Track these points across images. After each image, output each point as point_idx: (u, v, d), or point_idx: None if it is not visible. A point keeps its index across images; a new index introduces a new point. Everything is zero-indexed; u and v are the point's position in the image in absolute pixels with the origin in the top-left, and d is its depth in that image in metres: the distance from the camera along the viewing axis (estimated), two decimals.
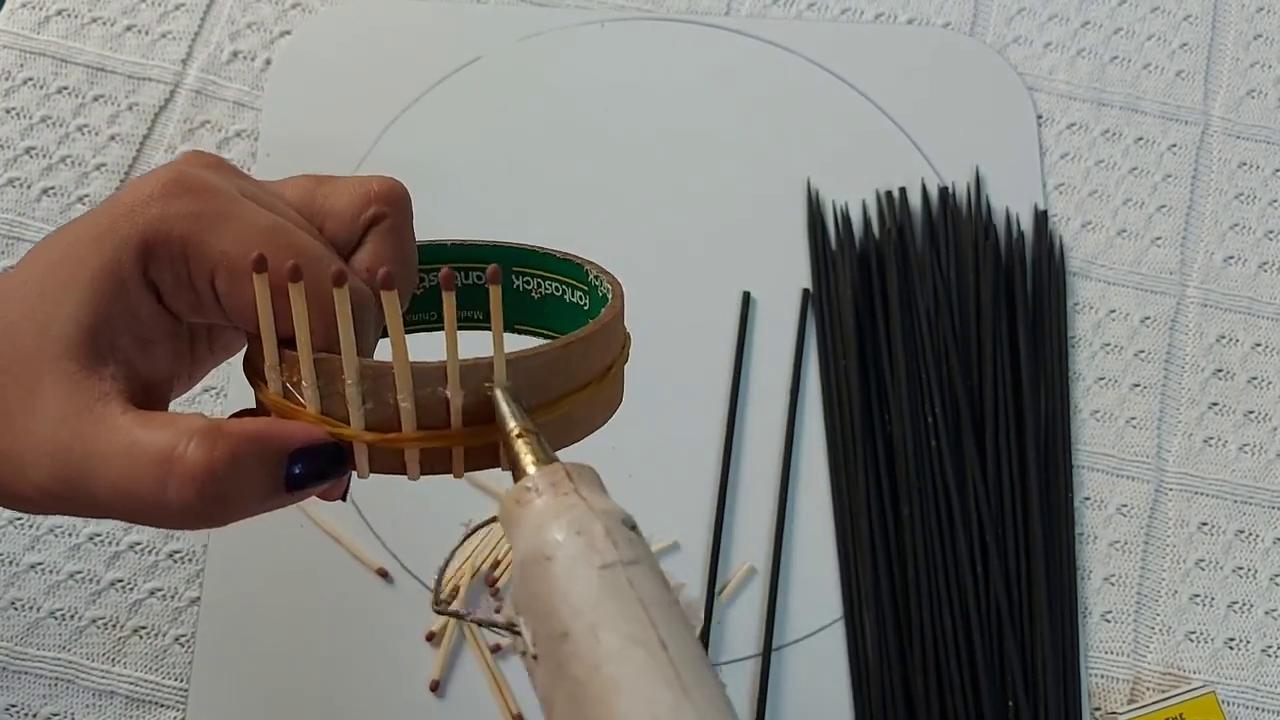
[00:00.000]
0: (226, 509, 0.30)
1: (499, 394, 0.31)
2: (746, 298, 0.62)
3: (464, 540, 0.33)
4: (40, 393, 0.30)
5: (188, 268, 0.31)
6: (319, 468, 0.30)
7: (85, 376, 0.30)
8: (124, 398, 0.31)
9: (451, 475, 0.33)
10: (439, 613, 0.33)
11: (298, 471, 0.30)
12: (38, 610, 0.54)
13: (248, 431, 0.30)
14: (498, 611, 0.32)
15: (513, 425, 0.31)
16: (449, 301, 0.30)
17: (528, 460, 0.30)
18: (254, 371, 0.33)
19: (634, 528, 0.29)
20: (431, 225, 0.67)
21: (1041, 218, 0.65)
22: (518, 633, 0.28)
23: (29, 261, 0.33)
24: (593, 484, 0.30)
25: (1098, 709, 0.56)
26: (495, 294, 0.30)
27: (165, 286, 0.32)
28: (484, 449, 0.32)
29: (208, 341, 0.36)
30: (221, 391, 0.58)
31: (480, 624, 0.30)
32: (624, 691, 0.25)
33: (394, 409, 0.31)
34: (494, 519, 0.31)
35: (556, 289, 0.39)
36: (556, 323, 0.39)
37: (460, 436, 0.32)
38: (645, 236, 0.64)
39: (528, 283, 0.39)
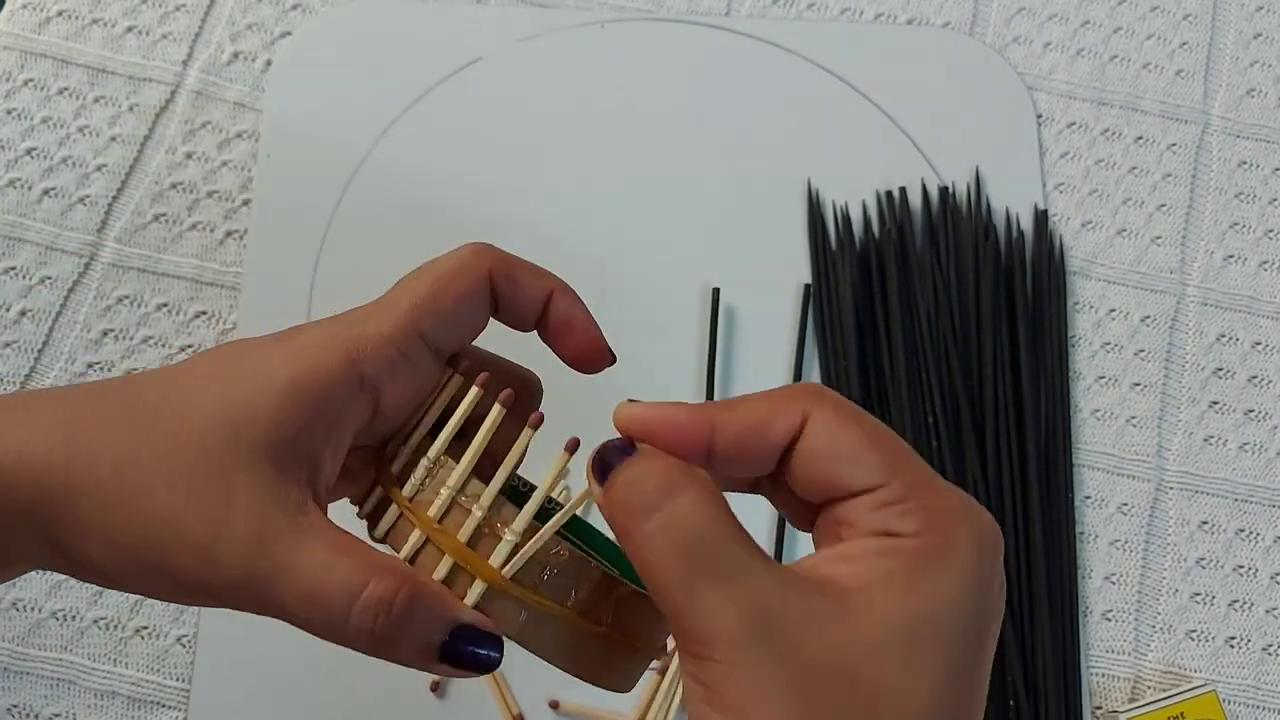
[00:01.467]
0: (394, 646, 0.31)
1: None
2: (716, 295, 0.62)
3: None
4: (234, 492, 0.31)
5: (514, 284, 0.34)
6: (473, 652, 0.31)
7: (280, 481, 0.31)
8: (315, 506, 0.32)
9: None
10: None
11: (451, 643, 0.31)
12: (39, 611, 0.54)
13: (427, 588, 0.31)
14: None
15: None
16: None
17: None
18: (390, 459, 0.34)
19: None
20: (431, 225, 0.67)
21: (1041, 217, 0.65)
22: None
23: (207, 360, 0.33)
24: None
25: (1098, 708, 0.56)
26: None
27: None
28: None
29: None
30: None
31: None
32: None
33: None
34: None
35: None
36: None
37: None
38: (645, 236, 0.64)
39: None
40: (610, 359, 0.36)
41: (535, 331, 0.36)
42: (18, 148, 0.63)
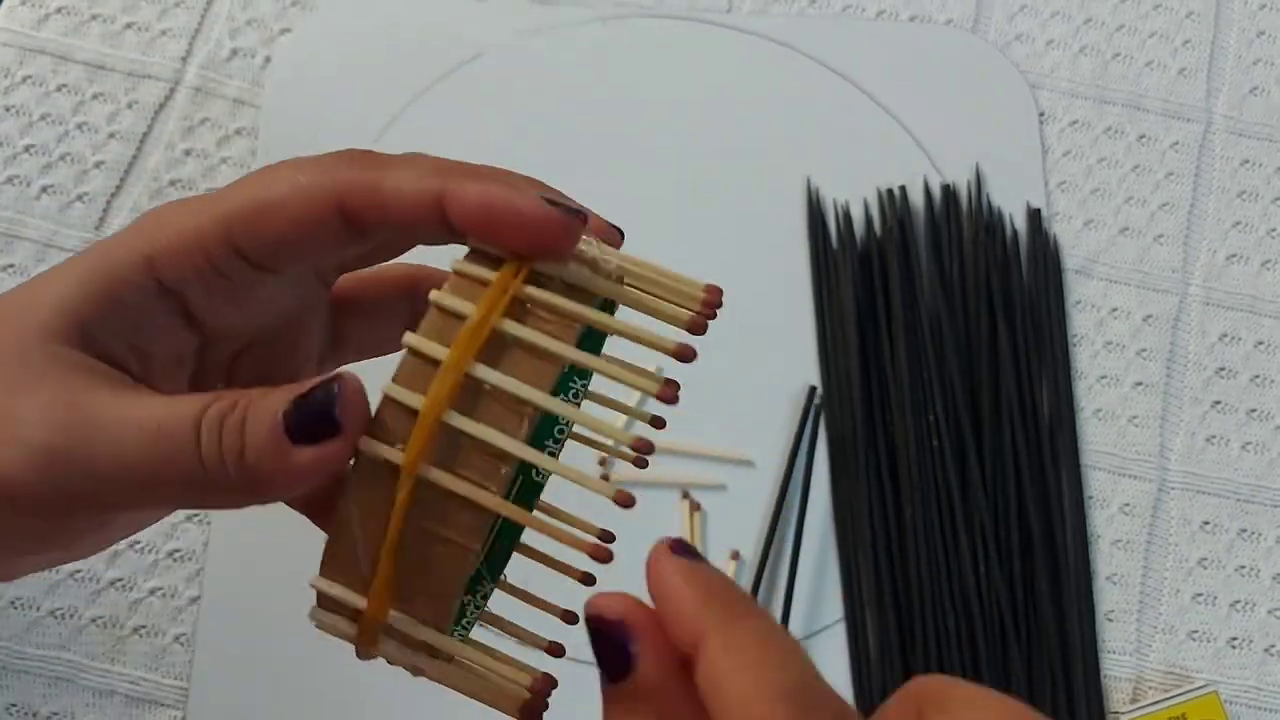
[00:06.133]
0: (249, 454, 0.27)
1: None
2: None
3: None
4: (30, 362, 0.28)
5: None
6: (321, 407, 0.27)
7: (83, 355, 0.29)
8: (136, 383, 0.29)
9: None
10: None
11: (298, 409, 0.27)
12: (38, 609, 0.54)
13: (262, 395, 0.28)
14: None
15: None
16: None
17: None
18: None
19: None
20: None
21: (1043, 216, 0.65)
22: None
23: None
24: None
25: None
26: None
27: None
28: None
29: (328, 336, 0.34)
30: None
31: None
32: None
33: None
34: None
35: None
36: None
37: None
38: (644, 234, 0.63)
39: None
40: (576, 222, 0.30)
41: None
42: (16, 144, 0.63)
